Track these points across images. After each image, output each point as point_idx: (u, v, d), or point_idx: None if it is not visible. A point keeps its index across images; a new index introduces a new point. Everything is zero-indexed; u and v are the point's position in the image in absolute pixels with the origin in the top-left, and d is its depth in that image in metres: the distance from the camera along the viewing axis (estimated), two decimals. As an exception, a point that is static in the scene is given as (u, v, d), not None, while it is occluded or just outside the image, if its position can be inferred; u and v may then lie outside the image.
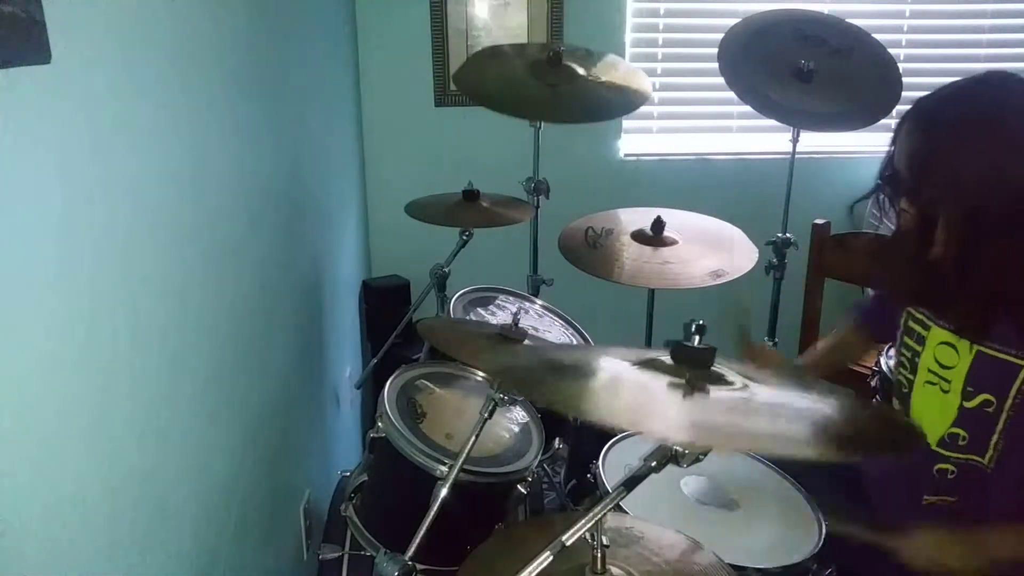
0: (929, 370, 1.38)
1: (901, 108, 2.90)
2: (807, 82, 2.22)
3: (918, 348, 1.40)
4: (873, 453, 1.21)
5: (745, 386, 0.97)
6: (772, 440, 0.92)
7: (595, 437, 1.66)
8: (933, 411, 1.37)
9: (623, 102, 2.28)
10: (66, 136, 0.82)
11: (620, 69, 2.34)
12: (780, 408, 0.98)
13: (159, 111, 1.06)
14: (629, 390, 1.00)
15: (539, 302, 2.17)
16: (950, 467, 1.36)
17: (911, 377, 1.42)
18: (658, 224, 2.13)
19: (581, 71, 2.24)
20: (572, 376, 1.06)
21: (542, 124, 2.37)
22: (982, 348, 1.29)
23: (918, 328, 1.41)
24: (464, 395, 1.72)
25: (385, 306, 2.74)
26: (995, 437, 1.29)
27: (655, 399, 0.96)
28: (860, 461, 1.51)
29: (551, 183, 2.41)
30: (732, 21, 2.42)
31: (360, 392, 2.62)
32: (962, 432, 1.33)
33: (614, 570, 1.07)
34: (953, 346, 1.33)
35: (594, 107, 2.28)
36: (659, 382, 0.96)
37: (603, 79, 2.27)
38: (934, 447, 1.37)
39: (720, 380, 0.97)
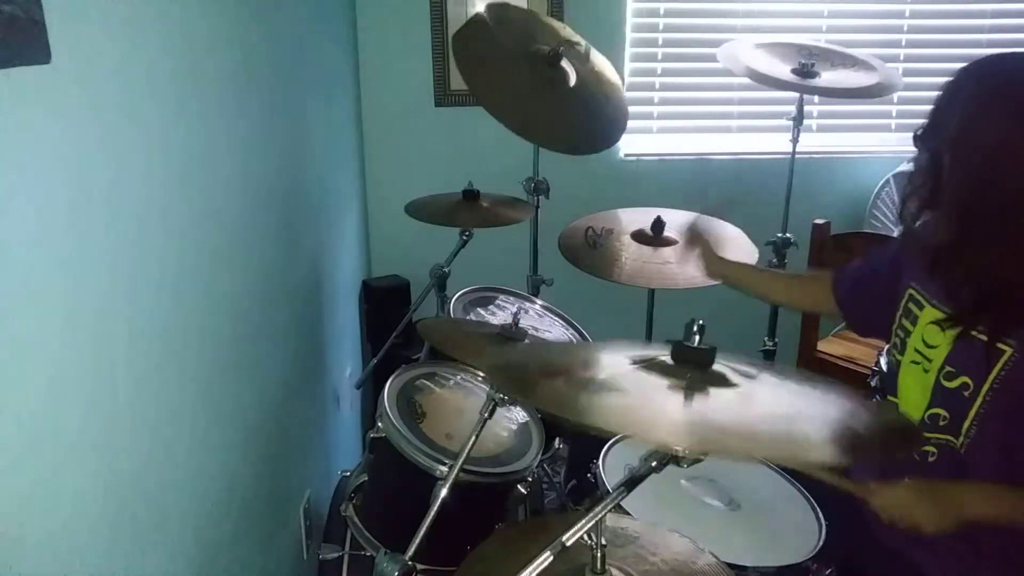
0: (915, 349, 1.37)
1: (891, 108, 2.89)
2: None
3: (910, 328, 1.40)
4: (876, 455, 1.20)
5: (745, 385, 0.97)
6: (775, 445, 0.91)
7: (595, 437, 1.66)
8: (915, 391, 1.37)
9: (617, 119, 2.20)
10: (66, 136, 0.82)
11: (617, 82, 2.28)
12: (782, 409, 0.98)
13: (159, 111, 1.06)
14: (626, 394, 0.97)
15: (539, 302, 2.17)
16: (931, 448, 1.35)
17: (900, 357, 1.42)
18: (658, 224, 2.13)
19: (575, 77, 2.17)
20: (566, 378, 1.02)
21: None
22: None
23: (914, 309, 1.41)
24: (464, 395, 1.72)
25: (385, 306, 2.74)
26: (967, 423, 1.29)
27: (653, 403, 0.94)
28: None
29: (551, 183, 2.40)
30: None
31: (360, 392, 2.62)
32: (943, 412, 1.33)
33: (613, 570, 1.07)
34: (940, 326, 1.33)
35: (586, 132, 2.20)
36: (657, 384, 0.96)
37: (597, 82, 2.21)
38: None
39: (721, 380, 0.97)
